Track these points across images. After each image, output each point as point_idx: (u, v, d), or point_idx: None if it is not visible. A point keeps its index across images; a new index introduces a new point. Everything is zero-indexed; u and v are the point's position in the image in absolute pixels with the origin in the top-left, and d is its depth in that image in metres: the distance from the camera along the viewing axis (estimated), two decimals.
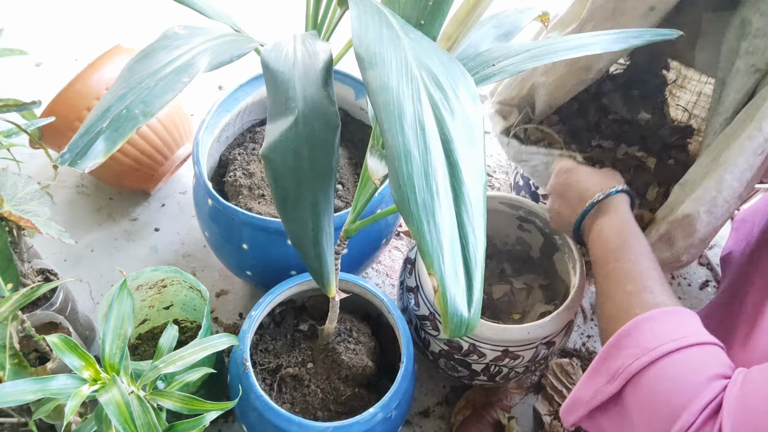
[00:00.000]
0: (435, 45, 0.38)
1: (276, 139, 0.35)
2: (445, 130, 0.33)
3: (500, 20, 0.57)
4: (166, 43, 0.40)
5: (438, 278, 0.31)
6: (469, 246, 0.32)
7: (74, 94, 0.90)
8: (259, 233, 0.75)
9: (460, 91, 0.35)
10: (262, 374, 0.73)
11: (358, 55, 0.33)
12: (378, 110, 0.32)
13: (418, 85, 0.33)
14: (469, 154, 0.33)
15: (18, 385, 0.48)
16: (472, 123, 0.34)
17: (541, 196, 0.95)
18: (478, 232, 0.32)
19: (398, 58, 0.34)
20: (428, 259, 0.31)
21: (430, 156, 0.32)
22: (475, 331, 0.72)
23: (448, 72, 0.35)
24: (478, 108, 0.35)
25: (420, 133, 0.32)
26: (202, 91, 1.30)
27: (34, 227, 0.64)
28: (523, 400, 0.90)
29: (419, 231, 0.31)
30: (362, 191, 0.53)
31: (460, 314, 0.32)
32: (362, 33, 0.34)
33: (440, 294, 0.31)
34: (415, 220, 0.31)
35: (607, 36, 0.49)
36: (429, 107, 0.33)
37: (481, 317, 0.74)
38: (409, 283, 0.81)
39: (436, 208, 0.31)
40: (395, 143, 0.31)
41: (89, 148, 0.34)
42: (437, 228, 0.31)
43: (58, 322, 0.73)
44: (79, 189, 1.10)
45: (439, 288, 0.31)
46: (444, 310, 0.31)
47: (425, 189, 0.31)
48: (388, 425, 0.67)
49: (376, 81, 0.32)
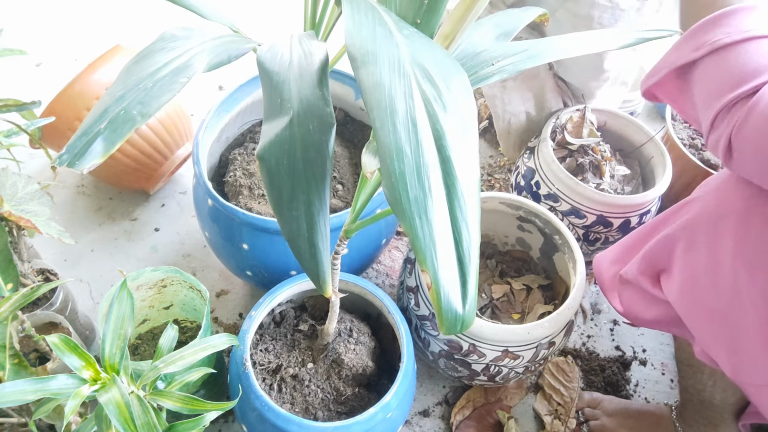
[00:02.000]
0: (429, 41, 0.38)
1: (271, 140, 0.35)
2: (437, 126, 0.33)
3: (500, 20, 0.57)
4: (163, 44, 0.40)
5: (431, 275, 0.31)
6: (463, 242, 0.32)
7: (74, 94, 0.90)
8: (259, 233, 0.75)
9: (453, 86, 0.35)
10: (262, 374, 0.73)
11: (351, 54, 0.33)
12: (370, 108, 0.32)
13: (410, 81, 0.33)
14: (462, 149, 0.33)
15: (18, 385, 0.48)
16: (465, 116, 0.34)
17: (543, 197, 0.95)
18: (472, 227, 0.32)
19: (390, 56, 0.34)
20: (421, 256, 0.31)
21: (422, 152, 0.32)
22: (470, 327, 0.72)
23: (441, 67, 0.35)
24: (471, 101, 0.35)
25: (412, 129, 0.32)
26: (202, 91, 1.30)
27: (34, 227, 0.64)
28: (523, 400, 0.90)
29: (412, 228, 0.31)
30: (362, 191, 0.53)
31: (454, 311, 0.32)
32: (355, 32, 0.34)
33: (434, 291, 0.31)
34: (408, 217, 0.31)
35: (608, 36, 0.49)
36: (421, 103, 0.33)
37: (481, 317, 0.75)
38: (409, 283, 0.81)
39: (428, 204, 0.31)
40: (387, 141, 0.31)
41: (87, 149, 0.34)
42: (430, 224, 0.31)
43: (58, 322, 0.73)
44: (79, 189, 1.10)
45: (432, 285, 0.31)
46: (438, 306, 0.31)
47: (417, 186, 0.31)
48: (388, 425, 0.67)
49: (369, 79, 0.32)
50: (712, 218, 0.57)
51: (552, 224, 0.83)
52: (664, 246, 0.62)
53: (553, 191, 0.93)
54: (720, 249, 0.56)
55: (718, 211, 0.56)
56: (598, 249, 0.97)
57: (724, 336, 0.57)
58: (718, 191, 0.58)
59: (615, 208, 0.90)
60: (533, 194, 0.97)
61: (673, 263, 0.61)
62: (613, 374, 0.93)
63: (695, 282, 0.59)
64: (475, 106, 0.35)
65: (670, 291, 0.62)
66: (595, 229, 0.93)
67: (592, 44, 0.48)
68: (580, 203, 0.91)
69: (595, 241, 0.95)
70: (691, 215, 0.60)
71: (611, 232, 0.93)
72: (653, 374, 0.95)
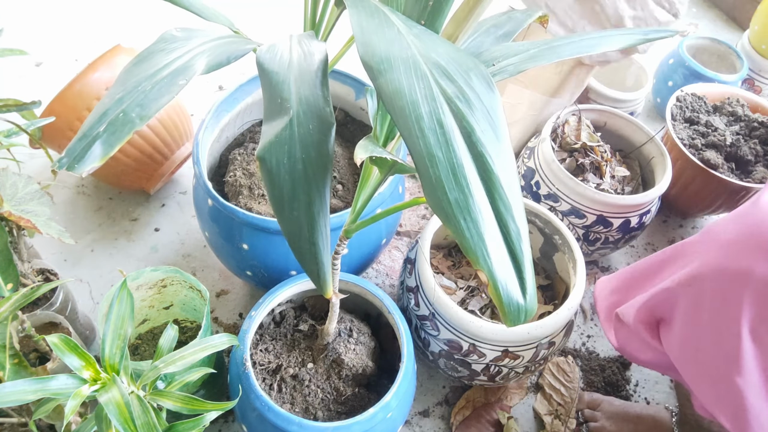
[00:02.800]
0: (439, 38, 0.37)
1: (271, 140, 0.35)
2: (464, 123, 0.32)
3: (500, 20, 0.57)
4: (163, 45, 0.40)
5: (486, 272, 0.31)
6: (512, 234, 0.32)
7: (74, 94, 0.90)
8: (259, 233, 0.75)
9: (472, 80, 0.34)
10: (262, 374, 0.73)
11: (366, 64, 0.32)
12: (395, 118, 0.31)
13: (429, 82, 0.33)
14: (493, 142, 0.33)
15: (18, 385, 0.48)
16: (491, 109, 0.34)
17: (543, 197, 0.95)
18: (518, 218, 0.32)
19: (405, 58, 0.33)
20: (473, 256, 0.31)
21: (454, 153, 0.31)
22: (470, 327, 0.72)
23: (458, 62, 0.35)
24: (494, 92, 0.34)
25: (440, 132, 0.32)
26: (203, 91, 1.30)
27: (34, 227, 0.64)
28: (523, 400, 0.90)
29: (458, 230, 0.31)
30: (362, 191, 0.53)
31: (516, 303, 0.32)
32: (366, 39, 0.34)
33: (492, 287, 0.31)
34: (452, 220, 0.31)
35: (608, 36, 0.49)
36: (444, 103, 0.33)
37: (481, 317, 0.74)
38: (409, 283, 0.81)
39: (470, 204, 0.31)
40: (417, 148, 0.31)
41: (87, 152, 0.34)
42: (475, 223, 0.31)
43: (58, 322, 0.73)
44: (79, 189, 1.10)
45: (489, 282, 0.31)
46: (499, 302, 0.31)
47: (455, 187, 0.31)
48: (388, 425, 0.67)
49: (388, 87, 0.32)
50: (718, 281, 0.54)
51: (552, 224, 0.83)
52: (665, 299, 0.60)
53: (553, 191, 0.93)
54: (726, 313, 0.53)
55: (724, 275, 0.54)
56: (599, 249, 0.97)
57: (727, 401, 0.55)
58: (722, 249, 0.55)
59: (615, 208, 0.90)
60: (533, 194, 0.97)
61: (674, 317, 0.60)
62: (613, 374, 0.93)
63: (698, 344, 0.57)
64: (499, 96, 0.34)
65: (670, 346, 0.61)
66: (595, 229, 0.93)
67: (594, 45, 0.48)
68: (580, 203, 0.91)
69: (595, 241, 0.95)
70: (694, 270, 0.57)
71: (611, 232, 0.93)
72: (653, 374, 0.95)
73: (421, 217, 1.11)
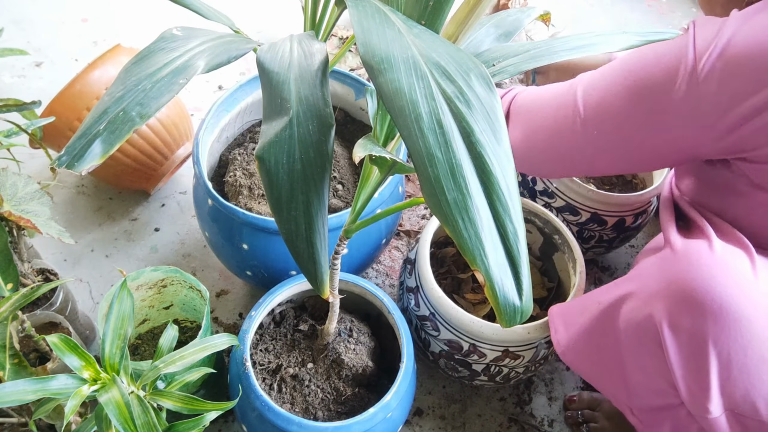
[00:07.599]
0: (439, 37, 0.37)
1: (270, 140, 0.35)
2: (464, 124, 0.33)
3: (500, 20, 0.57)
4: (163, 44, 0.40)
5: (483, 272, 0.31)
6: (509, 235, 0.32)
7: (74, 94, 0.90)
8: (259, 233, 0.75)
9: (472, 80, 0.34)
10: (262, 374, 0.73)
11: (366, 63, 0.33)
12: (395, 117, 0.31)
13: (429, 82, 0.33)
14: (492, 143, 0.33)
15: (18, 385, 0.48)
16: (490, 109, 0.34)
17: (538, 192, 0.95)
18: (516, 219, 0.32)
19: (405, 58, 0.34)
20: (470, 256, 0.31)
21: (453, 154, 0.32)
22: (470, 327, 0.72)
23: (457, 63, 0.35)
24: (493, 93, 0.34)
25: (439, 132, 0.32)
26: (203, 91, 1.30)
27: (34, 227, 0.64)
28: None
29: (455, 230, 0.31)
30: (362, 191, 0.53)
31: (512, 303, 0.32)
32: (366, 39, 0.34)
33: (488, 287, 0.31)
34: (450, 220, 0.31)
35: (608, 36, 0.49)
36: (444, 103, 0.33)
37: (480, 317, 0.74)
38: (409, 283, 0.81)
39: (468, 204, 0.31)
40: (416, 148, 0.31)
41: (86, 151, 0.34)
42: (473, 224, 0.31)
43: (58, 322, 0.73)
44: (79, 189, 1.10)
45: (486, 282, 0.31)
46: (495, 302, 0.32)
47: (454, 188, 0.31)
48: (388, 425, 0.67)
49: (388, 87, 0.32)
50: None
51: (551, 224, 0.83)
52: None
53: (550, 188, 0.93)
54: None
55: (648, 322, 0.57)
56: (593, 248, 0.97)
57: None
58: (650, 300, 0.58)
59: (610, 206, 0.90)
60: (529, 189, 0.97)
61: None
62: None
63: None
64: (498, 96, 0.35)
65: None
66: (590, 227, 0.92)
67: (595, 45, 0.47)
68: (574, 200, 0.91)
69: (590, 239, 0.95)
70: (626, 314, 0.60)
71: (605, 231, 0.93)
72: None
73: (421, 217, 1.11)
